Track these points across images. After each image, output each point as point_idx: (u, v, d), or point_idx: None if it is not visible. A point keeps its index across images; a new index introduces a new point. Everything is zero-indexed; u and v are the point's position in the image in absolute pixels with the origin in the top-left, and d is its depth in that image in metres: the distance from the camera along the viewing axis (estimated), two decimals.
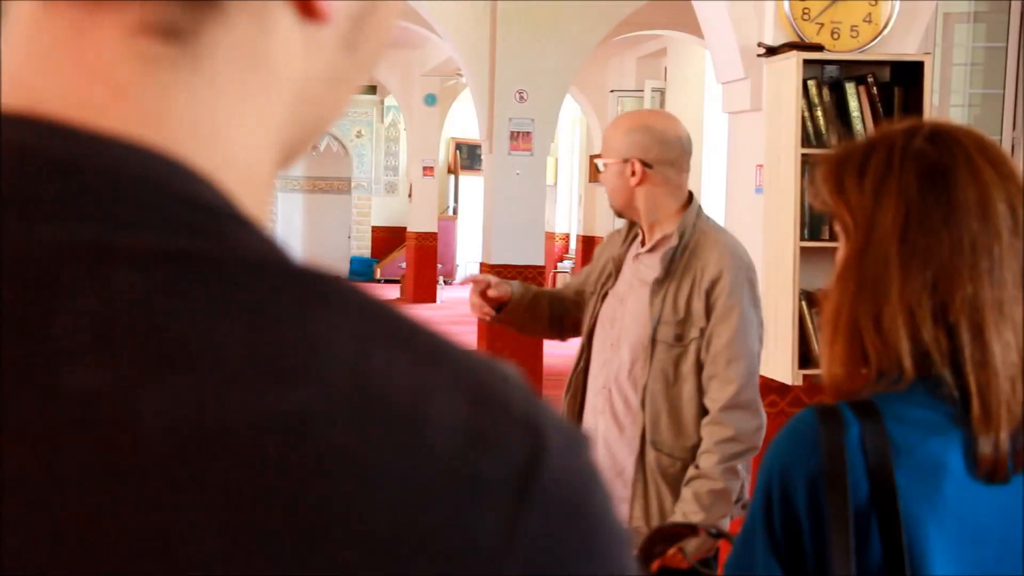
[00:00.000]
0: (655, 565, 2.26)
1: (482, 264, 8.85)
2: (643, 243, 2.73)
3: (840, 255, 1.35)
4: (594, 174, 14.91)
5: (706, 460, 2.51)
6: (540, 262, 8.81)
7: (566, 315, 2.90)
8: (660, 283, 2.61)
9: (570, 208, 17.48)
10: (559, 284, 17.15)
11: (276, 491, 0.34)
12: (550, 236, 16.97)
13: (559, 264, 17.32)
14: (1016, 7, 7.55)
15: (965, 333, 1.24)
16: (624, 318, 2.68)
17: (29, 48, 0.41)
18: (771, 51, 3.89)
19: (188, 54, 0.41)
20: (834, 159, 1.36)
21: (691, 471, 2.54)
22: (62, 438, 0.34)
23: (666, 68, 13.00)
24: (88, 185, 0.38)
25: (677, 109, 11.53)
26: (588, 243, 16.13)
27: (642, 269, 2.69)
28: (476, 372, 0.38)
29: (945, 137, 1.31)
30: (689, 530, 2.18)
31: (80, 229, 0.37)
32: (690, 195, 2.72)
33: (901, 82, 3.85)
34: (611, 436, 2.67)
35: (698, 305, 2.56)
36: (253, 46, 0.42)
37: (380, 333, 0.38)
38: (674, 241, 2.62)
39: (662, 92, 12.63)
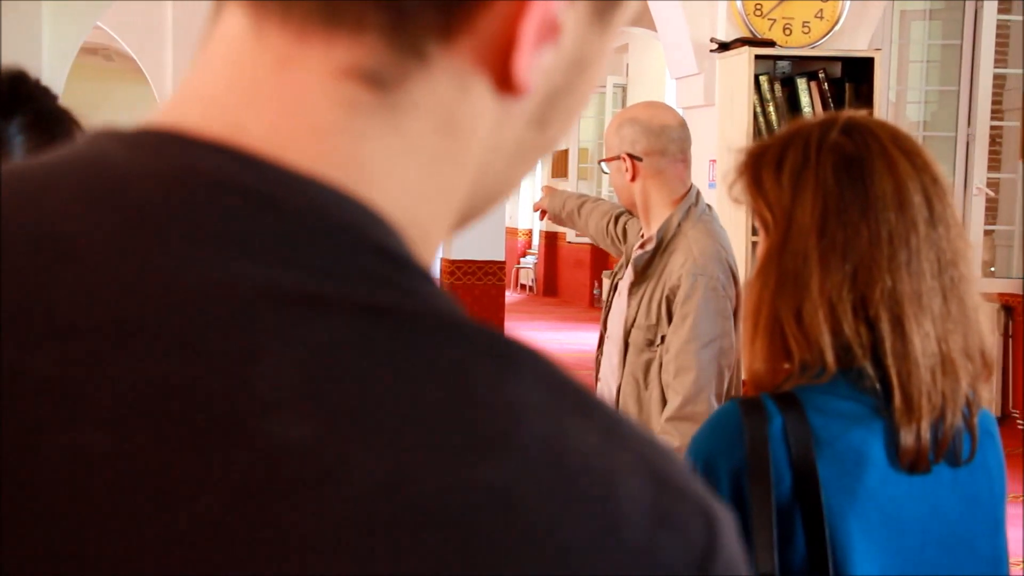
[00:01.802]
0: None
1: (442, 259, 8.84)
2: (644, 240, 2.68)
3: (760, 250, 1.36)
4: (559, 169, 14.93)
5: None
6: (501, 257, 8.81)
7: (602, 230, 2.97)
8: (635, 286, 2.57)
9: (531, 204, 17.47)
10: (522, 280, 17.16)
11: (485, 564, 0.34)
12: (512, 232, 16.98)
13: (522, 260, 17.34)
14: (971, 5, 7.63)
15: (885, 325, 1.25)
16: (614, 315, 2.67)
17: (233, 75, 0.41)
18: (723, 47, 3.91)
19: (388, 105, 0.40)
20: (752, 154, 1.37)
21: None
22: (265, 490, 0.33)
23: (628, 64, 13.04)
24: (290, 227, 0.37)
25: None
26: (551, 239, 16.14)
27: (631, 267, 2.65)
28: (655, 451, 0.38)
29: (860, 129, 1.32)
30: None
31: (284, 272, 0.36)
32: (689, 190, 2.63)
33: (852, 78, 3.88)
34: None
35: (663, 311, 2.51)
36: (450, 109, 0.42)
37: (568, 404, 0.38)
38: (653, 241, 2.56)
39: (624, 88, 12.66)
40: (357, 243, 0.38)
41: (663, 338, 2.50)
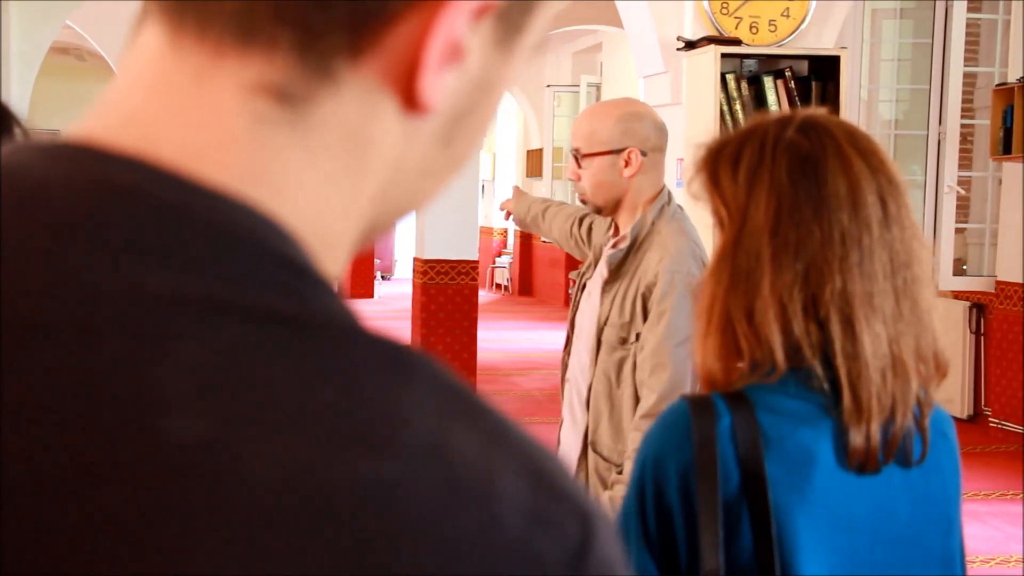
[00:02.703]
0: None
1: (415, 258, 8.82)
2: (615, 237, 2.64)
3: (715, 247, 1.35)
4: (533, 168, 14.92)
5: (627, 466, 2.44)
6: (474, 257, 8.79)
7: (565, 234, 2.98)
8: (609, 283, 2.54)
9: None
10: (497, 279, 17.14)
11: (372, 553, 0.35)
12: (488, 232, 16.97)
13: (497, 259, 17.32)
14: (941, 4, 7.66)
15: (835, 326, 1.25)
16: (583, 314, 2.64)
17: (150, 89, 0.43)
18: (690, 45, 3.91)
19: (297, 121, 0.42)
20: (710, 150, 1.36)
21: (613, 475, 2.49)
22: (162, 488, 0.34)
23: (601, 63, 13.04)
24: (197, 236, 0.39)
25: None
26: (526, 239, 16.14)
27: (604, 265, 2.61)
28: (537, 455, 0.41)
29: (816, 128, 1.31)
30: None
31: (189, 279, 0.38)
32: (662, 189, 2.61)
33: (819, 76, 3.89)
34: (567, 430, 2.65)
35: (638, 308, 2.49)
36: (357, 126, 0.44)
37: (456, 409, 0.40)
38: (627, 240, 2.53)
39: (598, 87, 12.67)
40: (261, 253, 0.40)
41: (638, 336, 2.48)
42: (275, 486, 0.35)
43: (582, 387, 2.61)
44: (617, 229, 2.65)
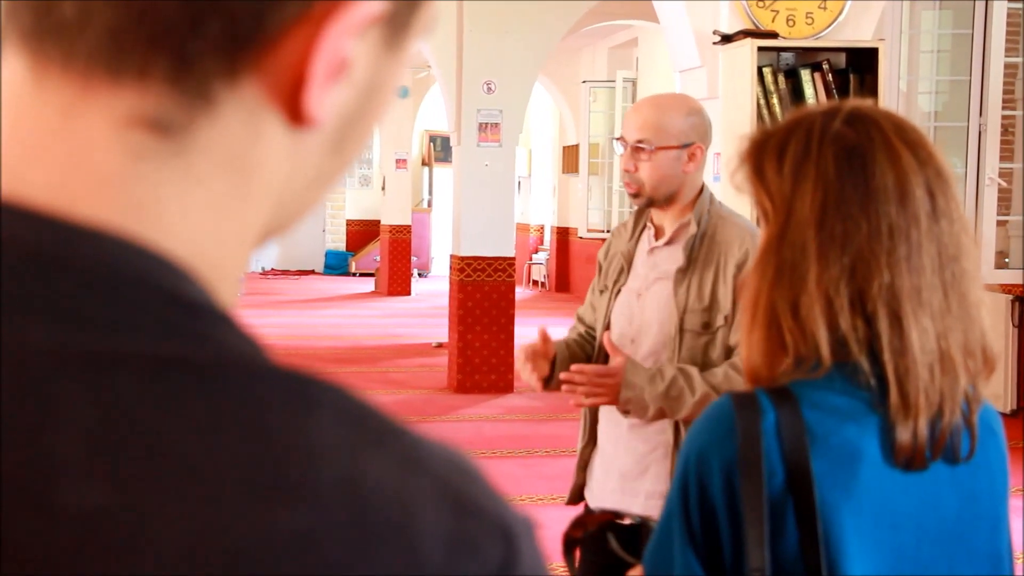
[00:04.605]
0: (576, 552, 2.25)
1: (452, 256, 8.83)
2: (656, 236, 2.66)
3: (760, 240, 1.33)
4: (569, 164, 14.90)
5: (712, 375, 2.47)
6: (511, 254, 8.79)
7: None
8: (683, 272, 2.56)
9: (545, 199, 17.47)
10: (534, 276, 17.13)
11: None
12: (524, 228, 16.97)
13: (534, 256, 17.31)
14: None
15: (883, 321, 1.23)
16: (644, 313, 2.63)
17: (14, 126, 0.40)
18: (726, 39, 3.88)
19: (177, 150, 0.40)
20: (754, 142, 1.34)
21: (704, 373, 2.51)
22: (67, 560, 0.32)
23: (637, 58, 13.00)
24: (79, 284, 0.37)
25: None
26: (563, 235, 16.12)
27: (660, 263, 2.62)
28: (452, 478, 0.40)
29: (864, 120, 1.29)
30: (611, 516, 2.16)
31: (73, 333, 0.36)
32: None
33: (857, 68, 3.85)
34: (636, 433, 2.62)
35: (723, 291, 2.52)
36: (241, 147, 0.42)
37: (366, 438, 0.39)
38: (692, 229, 2.56)
39: (633, 82, 12.62)
40: (148, 294, 0.38)
41: (725, 319, 2.51)
42: (183, 551, 0.33)
43: None
44: (657, 230, 2.65)
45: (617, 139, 2.66)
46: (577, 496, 2.75)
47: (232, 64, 0.40)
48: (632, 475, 2.62)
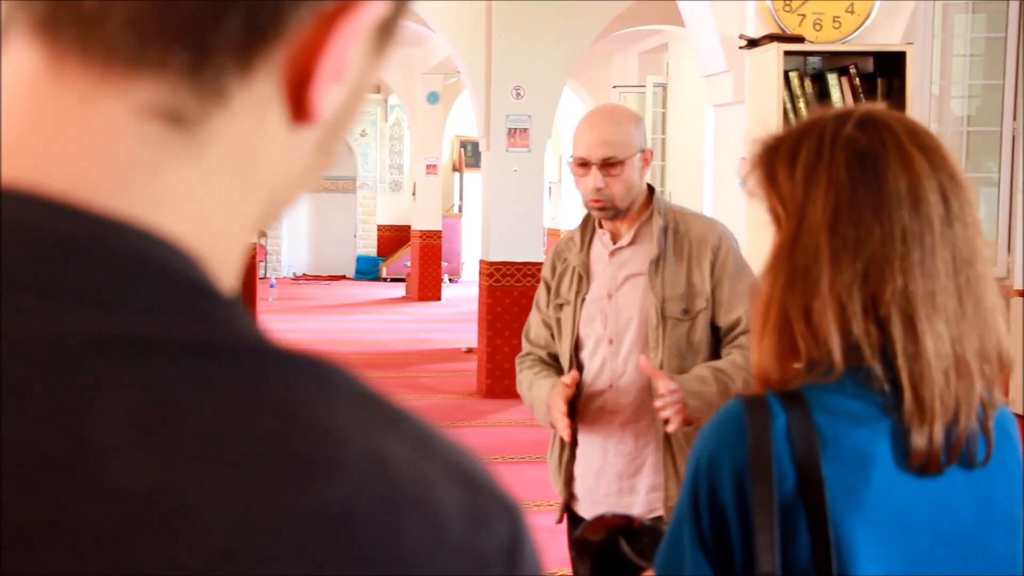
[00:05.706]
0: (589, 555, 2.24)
1: (481, 261, 8.83)
2: (614, 239, 2.73)
3: (772, 245, 1.33)
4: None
5: (736, 360, 2.57)
6: (539, 259, 8.79)
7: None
8: (656, 263, 2.65)
9: (575, 204, 17.44)
10: None
11: None
12: (554, 233, 16.93)
13: None
14: None
15: (897, 326, 1.22)
16: (619, 312, 2.68)
17: (31, 117, 0.40)
18: (752, 43, 3.86)
19: (190, 141, 0.41)
20: (765, 146, 1.34)
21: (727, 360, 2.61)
22: (118, 539, 0.34)
23: (668, 63, 12.97)
24: (104, 270, 0.38)
25: (679, 104, 11.50)
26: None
27: (627, 262, 2.71)
28: (461, 457, 0.42)
29: (876, 124, 1.28)
30: (624, 521, 2.16)
31: (109, 318, 0.37)
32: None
33: (885, 73, 3.82)
34: (627, 430, 2.67)
35: (698, 277, 2.63)
36: (248, 141, 0.43)
37: (380, 420, 0.40)
38: (659, 222, 2.66)
39: (664, 87, 12.58)
40: (172, 281, 0.39)
41: (707, 301, 2.62)
42: (227, 526, 0.35)
43: (633, 380, 2.66)
44: (613, 234, 2.73)
45: (577, 163, 2.68)
46: (567, 513, 2.78)
47: (247, 58, 0.41)
48: (628, 473, 2.67)
